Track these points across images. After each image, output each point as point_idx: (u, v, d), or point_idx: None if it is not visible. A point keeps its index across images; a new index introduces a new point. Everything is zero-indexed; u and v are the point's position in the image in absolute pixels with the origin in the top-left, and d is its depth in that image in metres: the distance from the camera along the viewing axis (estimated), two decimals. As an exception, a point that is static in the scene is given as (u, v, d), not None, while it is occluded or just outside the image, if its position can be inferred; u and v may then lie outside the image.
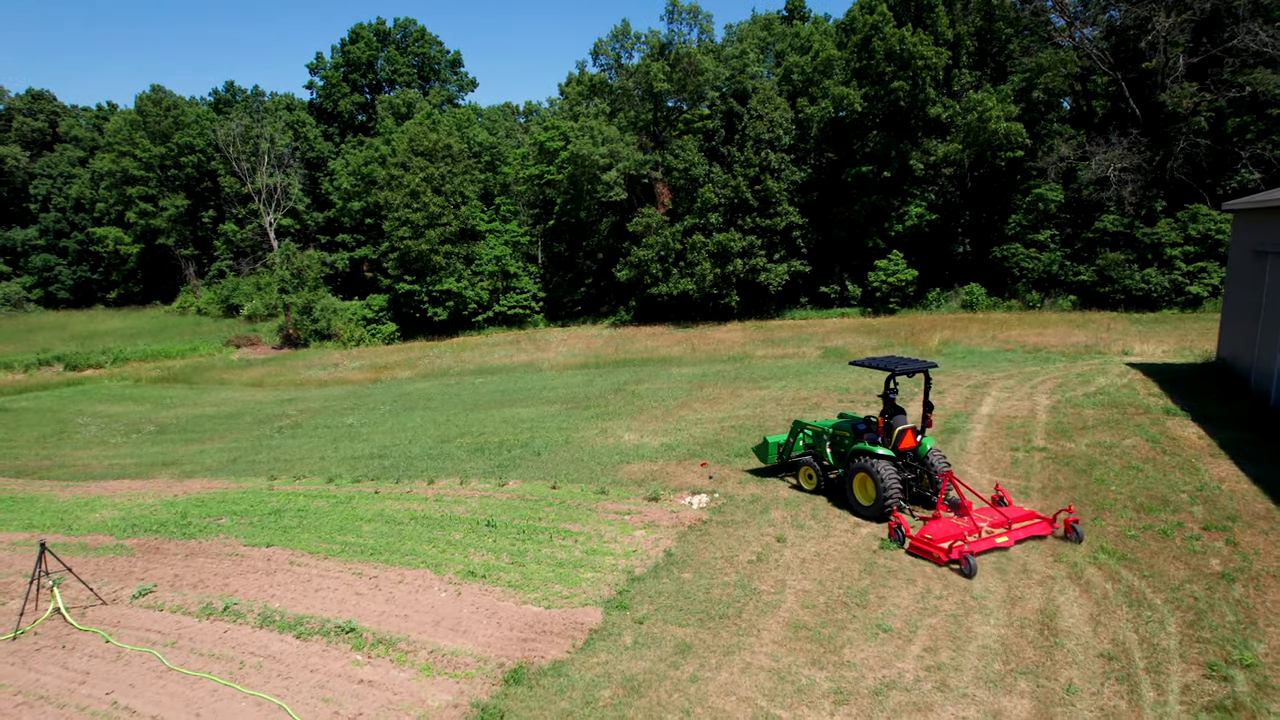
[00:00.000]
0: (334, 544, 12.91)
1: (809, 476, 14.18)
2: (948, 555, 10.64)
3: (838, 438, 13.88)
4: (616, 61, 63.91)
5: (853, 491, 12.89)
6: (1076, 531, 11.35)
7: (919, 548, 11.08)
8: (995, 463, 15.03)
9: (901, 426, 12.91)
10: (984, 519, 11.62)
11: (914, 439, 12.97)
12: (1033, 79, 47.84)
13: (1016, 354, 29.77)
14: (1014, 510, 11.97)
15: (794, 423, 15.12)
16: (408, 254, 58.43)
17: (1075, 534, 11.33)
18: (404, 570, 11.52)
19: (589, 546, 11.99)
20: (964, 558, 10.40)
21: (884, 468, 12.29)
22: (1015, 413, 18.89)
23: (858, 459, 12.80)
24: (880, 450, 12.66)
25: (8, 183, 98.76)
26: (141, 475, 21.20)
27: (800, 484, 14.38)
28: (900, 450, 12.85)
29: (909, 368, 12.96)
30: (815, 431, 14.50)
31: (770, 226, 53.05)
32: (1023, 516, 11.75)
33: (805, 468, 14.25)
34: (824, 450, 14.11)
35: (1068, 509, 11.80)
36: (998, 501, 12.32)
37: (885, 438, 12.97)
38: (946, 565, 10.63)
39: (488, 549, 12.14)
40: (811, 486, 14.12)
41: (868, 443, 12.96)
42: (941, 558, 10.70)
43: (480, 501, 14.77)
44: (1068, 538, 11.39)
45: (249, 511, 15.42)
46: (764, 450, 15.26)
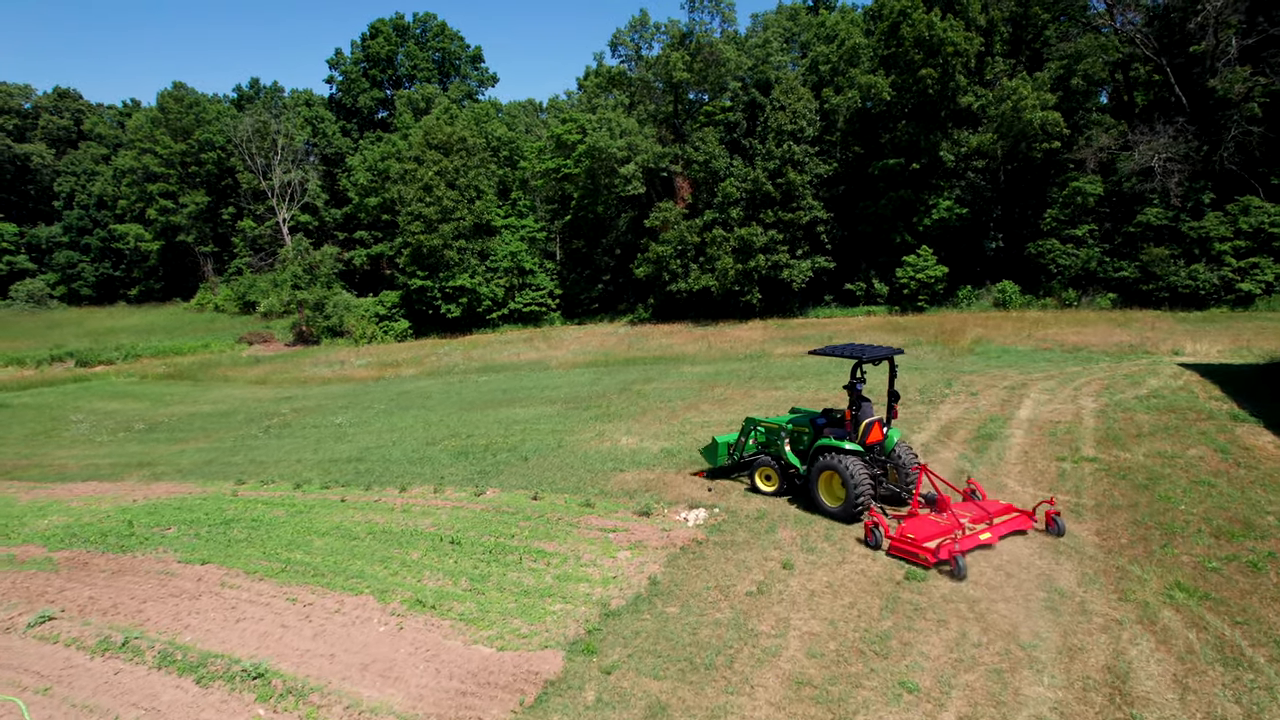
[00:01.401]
0: (276, 562, 11.33)
1: (767, 477, 13.15)
2: (935, 556, 9.76)
3: (796, 434, 12.90)
4: (636, 53, 62.21)
5: (819, 492, 11.96)
6: (1058, 524, 10.75)
7: (902, 549, 10.15)
8: (1039, 475, 13.11)
9: (869, 419, 11.95)
10: (963, 514, 10.78)
11: (881, 432, 12.01)
12: (1071, 66, 45.37)
13: (1055, 353, 27.64)
14: (991, 504, 11.34)
15: (746, 420, 14.02)
16: (420, 249, 57.15)
17: (1056, 527, 10.74)
18: (344, 597, 9.89)
19: (563, 571, 10.28)
20: (953, 558, 9.59)
21: (853, 464, 11.36)
22: (1058, 417, 16.90)
23: (823, 456, 11.84)
24: (848, 445, 11.67)
25: (34, 181, 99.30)
26: (112, 477, 19.87)
27: (757, 486, 13.29)
28: (867, 444, 11.88)
29: (876, 354, 11.93)
30: (771, 429, 13.43)
31: (793, 221, 50.99)
32: (1002, 510, 11.10)
33: (763, 468, 13.22)
34: (782, 448, 12.99)
35: (1049, 500, 11.16)
36: (970, 495, 11.66)
37: (853, 431, 11.96)
38: (935, 567, 9.74)
39: (446, 572, 10.48)
40: (771, 488, 13.05)
41: (832, 437, 11.98)
42: (929, 559, 9.79)
43: (450, 513, 13.12)
44: (1049, 530, 10.79)
45: (201, 521, 13.92)
46: (713, 451, 14.16)
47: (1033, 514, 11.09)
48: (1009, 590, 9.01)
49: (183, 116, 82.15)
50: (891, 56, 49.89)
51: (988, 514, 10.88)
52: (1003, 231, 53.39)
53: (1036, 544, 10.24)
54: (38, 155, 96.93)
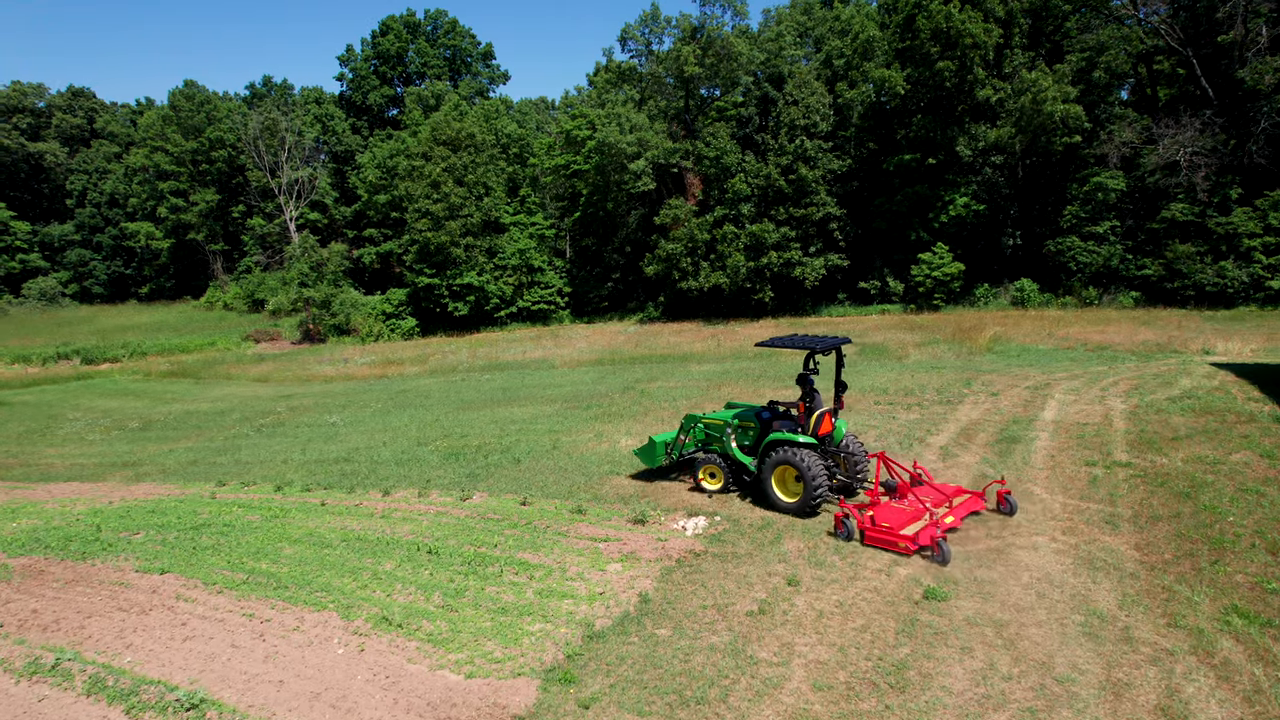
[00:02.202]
0: (240, 572, 10.48)
1: (711, 475, 12.68)
2: (915, 543, 9.54)
3: (743, 429, 12.47)
4: (646, 48, 61.26)
5: (773, 487, 11.53)
6: (1010, 503, 10.87)
7: (879, 539, 9.83)
8: (1068, 481, 12.09)
9: (820, 410, 11.67)
10: (925, 499, 10.72)
11: (831, 423, 11.76)
12: (1093, 58, 44.03)
13: (1078, 352, 26.50)
14: (943, 487, 11.32)
15: (685, 417, 13.53)
16: (427, 246, 56.45)
17: (1008, 506, 10.87)
18: (305, 613, 9.02)
19: (546, 585, 9.37)
20: (936, 543, 9.39)
21: (810, 457, 11.02)
22: (1086, 419, 15.85)
23: (777, 450, 11.36)
24: (803, 438, 11.28)
25: (48, 179, 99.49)
26: (95, 477, 19.15)
27: (701, 485, 12.75)
28: (819, 436, 11.55)
29: (826, 344, 11.61)
30: (713, 425, 12.97)
31: (805, 217, 49.93)
32: (956, 492, 11.16)
33: (707, 466, 12.73)
34: (728, 445, 12.49)
35: (999, 480, 11.23)
36: (917, 480, 11.48)
37: (805, 423, 11.58)
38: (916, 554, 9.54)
39: (419, 585, 9.59)
40: (716, 486, 12.60)
41: (784, 430, 11.62)
42: (909, 547, 9.54)
43: (433, 520, 12.24)
44: (1000, 510, 10.90)
45: (171, 525, 13.12)
46: (650, 451, 13.48)
47: (983, 494, 11.15)
48: (1040, 612, 8.03)
49: (194, 115, 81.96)
50: (907, 49, 48.73)
51: (945, 496, 10.80)
52: (1020, 228, 52.11)
53: (1070, 559, 9.25)
54: (51, 154, 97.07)
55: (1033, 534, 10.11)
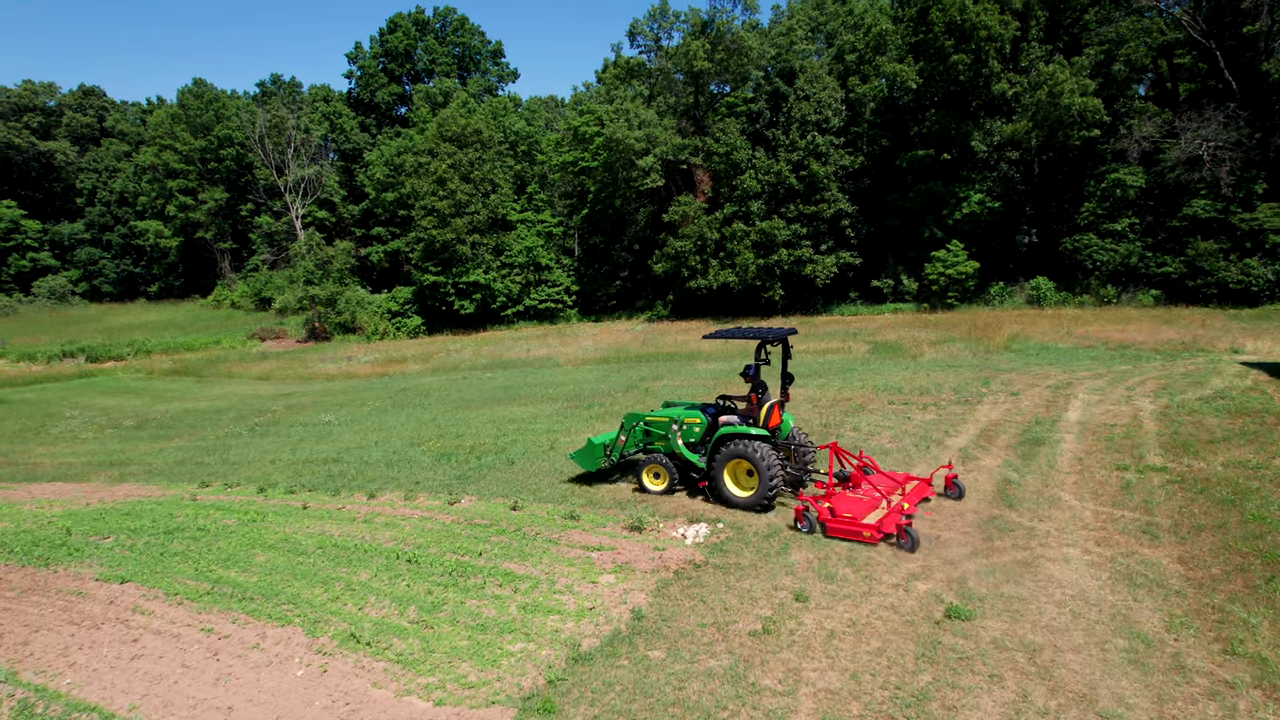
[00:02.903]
0: (205, 581, 9.75)
1: (656, 475, 12.30)
2: (880, 531, 9.43)
3: (689, 426, 12.14)
4: (655, 43, 60.50)
5: (725, 483, 11.28)
6: (958, 487, 11.03)
7: (842, 529, 9.66)
8: (1099, 486, 11.23)
9: (770, 402, 11.45)
10: (879, 487, 10.69)
11: (780, 415, 11.48)
12: (1112, 51, 42.91)
13: (1099, 351, 25.54)
14: (894, 475, 11.28)
15: (626, 416, 13.16)
16: (433, 244, 55.82)
17: (957, 490, 11.00)
18: (268, 628, 8.28)
19: (531, 599, 8.60)
20: (903, 530, 9.30)
21: (764, 449, 10.77)
22: (1113, 420, 14.97)
23: (729, 444, 11.10)
24: (755, 431, 11.09)
25: (58, 178, 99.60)
26: (80, 477, 18.53)
27: (645, 485, 12.37)
28: (769, 429, 11.28)
29: (777, 335, 11.53)
30: (657, 423, 12.59)
31: (816, 214, 49.01)
32: (906, 479, 11.18)
33: (652, 465, 12.31)
34: (674, 443, 12.18)
35: (947, 465, 11.44)
36: (863, 470, 11.42)
37: (756, 415, 11.35)
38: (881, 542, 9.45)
39: (394, 598, 8.83)
40: (661, 487, 12.23)
41: (734, 424, 11.44)
42: (874, 536, 9.42)
43: (416, 525, 11.49)
44: (948, 494, 11.01)
45: (144, 529, 12.42)
46: (588, 453, 12.99)
47: (930, 481, 11.17)
48: (1077, 635, 7.19)
49: (202, 113, 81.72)
50: (920, 43, 47.77)
51: (897, 484, 10.81)
52: (1036, 226, 51.04)
53: (1106, 573, 8.40)
54: (61, 153, 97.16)
55: (1063, 544, 9.27)
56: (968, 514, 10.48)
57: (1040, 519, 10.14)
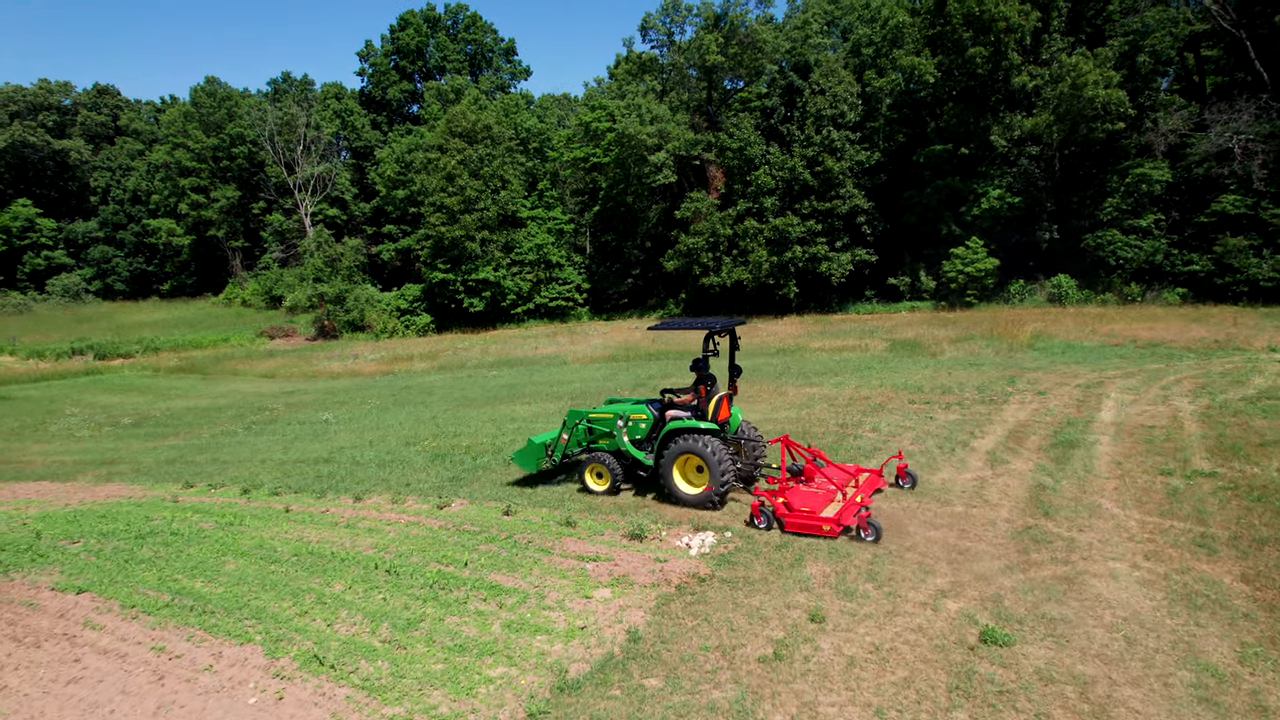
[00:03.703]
0: (166, 592, 9.00)
1: (599, 475, 11.90)
2: (839, 525, 9.14)
3: (634, 423, 11.72)
4: (668, 38, 59.67)
5: (674, 479, 10.88)
6: (911, 477, 10.98)
7: (801, 524, 9.36)
8: (1142, 493, 10.29)
9: (719, 394, 11.08)
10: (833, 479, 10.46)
11: (729, 409, 11.13)
12: (1137, 42, 41.68)
13: (1127, 349, 24.48)
14: (845, 467, 11.17)
15: (569, 413, 12.71)
16: (442, 241, 55.16)
17: (910, 480, 10.96)
18: (225, 647, 7.50)
19: (518, 615, 7.78)
20: (865, 523, 9.07)
21: (715, 444, 10.40)
22: (1151, 421, 14.00)
23: (678, 439, 10.72)
24: (705, 425, 10.68)
25: (73, 177, 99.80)
26: (66, 476, 17.90)
27: (588, 485, 11.99)
28: (718, 423, 10.89)
29: (722, 325, 11.18)
30: (601, 419, 12.19)
31: (831, 211, 48.02)
32: (858, 471, 11.09)
33: (594, 465, 11.92)
34: (619, 440, 11.77)
35: (897, 455, 11.38)
36: (814, 464, 11.10)
37: (705, 409, 10.91)
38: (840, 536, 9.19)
39: (367, 613, 8.04)
40: (604, 487, 11.83)
41: (683, 418, 11.04)
42: (833, 529, 9.14)
43: (401, 531, 10.71)
44: (901, 484, 10.95)
45: (117, 533, 11.71)
46: (529, 453, 12.57)
47: (881, 472, 11.06)
48: (1134, 666, 6.29)
49: (215, 111, 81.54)
50: (938, 36, 46.71)
51: (850, 476, 10.68)
52: (1057, 222, 49.79)
53: (1160, 592, 7.49)
54: (76, 151, 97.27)
55: (1108, 558, 8.36)
56: (999, 523, 9.58)
57: (1080, 529, 9.22)
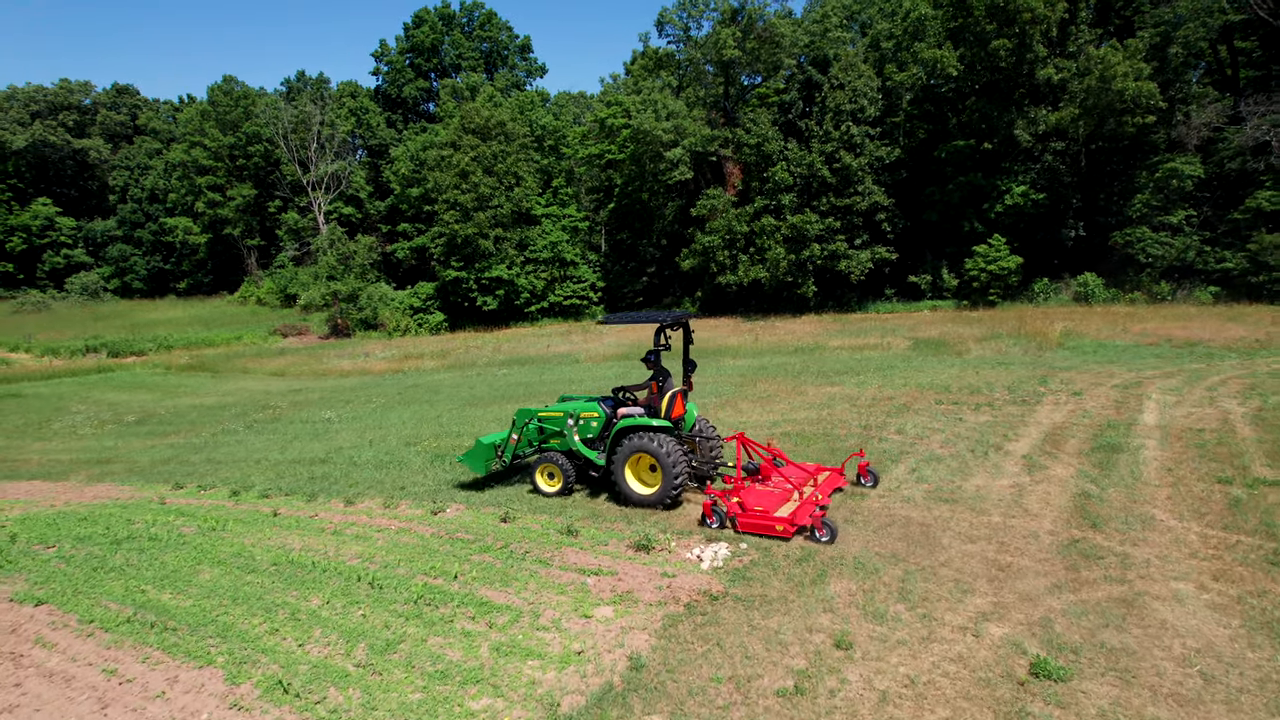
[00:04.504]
0: (130, 605, 8.29)
1: (550, 475, 11.54)
2: (793, 525, 8.86)
3: (585, 421, 11.34)
4: (684, 33, 58.74)
5: (626, 479, 10.51)
6: (872, 475, 10.75)
7: (754, 524, 9.09)
8: (1199, 503, 9.37)
9: (672, 390, 10.66)
10: (790, 479, 10.26)
11: (683, 405, 10.77)
12: (1169, 33, 40.37)
13: (1163, 349, 23.40)
14: (805, 466, 10.90)
15: (518, 412, 12.30)
16: (455, 238, 54.59)
17: (872, 478, 10.73)
18: (183, 670, 6.76)
19: (509, 637, 6.99)
20: (820, 522, 8.78)
21: (668, 441, 10.06)
22: (1200, 424, 13.03)
23: (629, 438, 10.33)
24: (657, 422, 10.32)
25: (93, 176, 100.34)
26: (59, 476, 17.33)
27: (539, 487, 11.59)
28: (672, 419, 10.51)
29: (674, 318, 10.79)
30: (551, 418, 11.81)
31: (850, 207, 46.99)
32: (817, 469, 10.81)
33: (545, 465, 11.55)
34: (570, 440, 11.39)
35: (859, 453, 11.09)
36: (773, 462, 10.90)
37: (658, 405, 10.54)
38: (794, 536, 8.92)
39: (344, 632, 7.28)
40: (555, 488, 11.46)
41: (635, 416, 10.63)
42: (787, 529, 8.85)
43: (390, 539, 9.96)
44: (863, 482, 10.69)
45: (94, 537, 11.05)
46: (477, 454, 12.09)
47: (842, 470, 10.77)
48: (1218, 710, 5.41)
49: (231, 109, 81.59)
50: (960, 28, 45.61)
51: (808, 474, 10.44)
52: (1083, 219, 48.54)
53: (1235, 619, 6.59)
54: (95, 150, 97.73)
55: (1170, 578, 7.46)
56: (1042, 535, 8.70)
57: (1134, 543, 8.33)
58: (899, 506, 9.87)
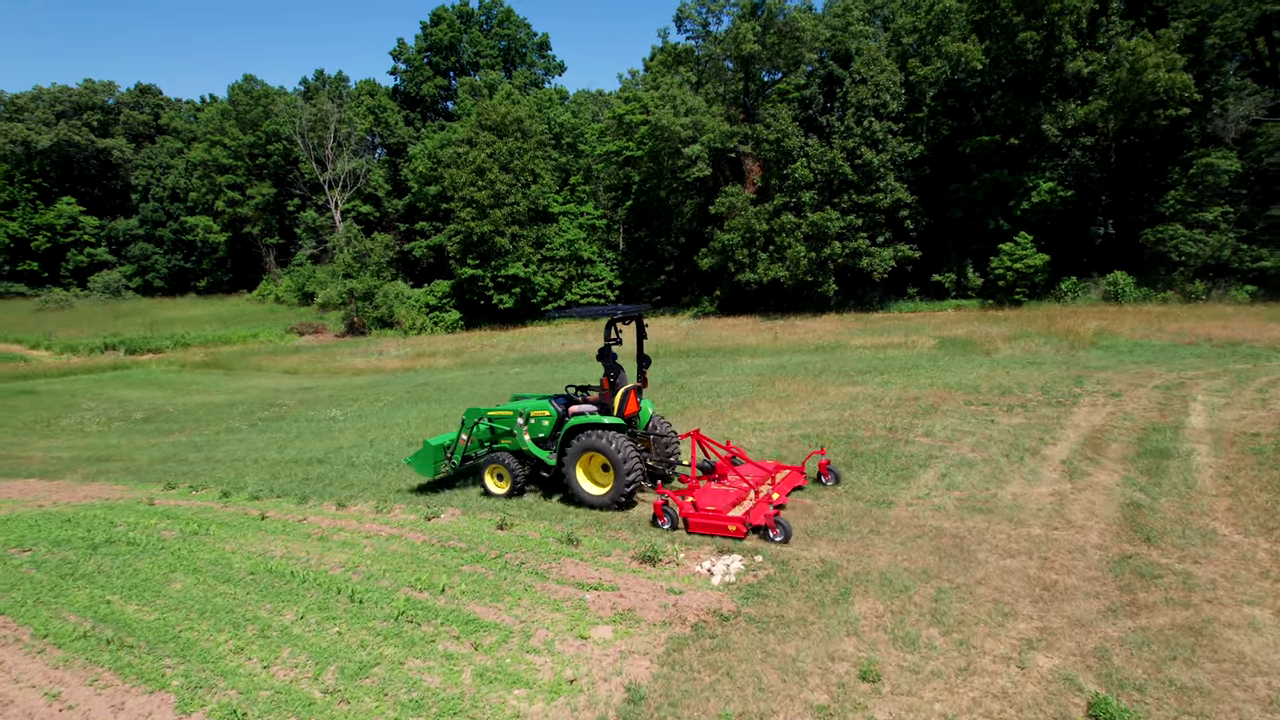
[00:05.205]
0: (91, 618, 7.67)
1: (499, 476, 11.23)
2: (746, 525, 8.59)
3: (536, 420, 10.97)
4: (704, 28, 57.94)
5: (577, 479, 10.21)
6: (833, 474, 10.45)
7: (705, 524, 8.82)
8: (1265, 515, 8.49)
9: (625, 386, 10.41)
10: (746, 477, 9.95)
11: (637, 401, 10.54)
12: (1205, 23, 39.05)
13: (1203, 349, 22.32)
14: (764, 464, 10.66)
15: (466, 411, 11.96)
16: (471, 236, 54.12)
17: (832, 476, 10.42)
18: (132, 695, 6.10)
19: (495, 660, 6.28)
20: (773, 521, 8.51)
21: (619, 440, 9.75)
22: (1254, 427, 12.10)
23: (580, 436, 10.06)
24: (608, 420, 10.05)
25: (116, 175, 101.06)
26: (55, 475, 16.89)
27: (488, 488, 11.30)
28: (625, 417, 10.28)
29: (628, 311, 10.50)
30: (501, 417, 11.45)
31: (872, 204, 45.95)
32: (777, 468, 10.62)
33: (494, 466, 11.23)
34: (520, 439, 11.05)
35: (820, 450, 10.78)
36: (731, 461, 10.65)
37: (611, 402, 10.28)
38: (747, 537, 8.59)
39: (315, 652, 6.61)
40: (504, 489, 11.16)
41: (587, 413, 10.31)
42: (739, 529, 8.59)
43: (378, 547, 9.29)
44: (824, 482, 10.41)
45: (73, 541, 10.48)
46: (425, 456, 11.76)
47: (803, 469, 10.56)
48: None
49: (251, 108, 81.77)
50: (986, 20, 44.50)
51: (767, 473, 10.27)
52: (1113, 217, 47.22)
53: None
54: (118, 150, 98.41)
55: (1240, 602, 6.62)
56: (1090, 550, 7.86)
57: (1195, 560, 7.48)
58: (929, 516, 9.07)
